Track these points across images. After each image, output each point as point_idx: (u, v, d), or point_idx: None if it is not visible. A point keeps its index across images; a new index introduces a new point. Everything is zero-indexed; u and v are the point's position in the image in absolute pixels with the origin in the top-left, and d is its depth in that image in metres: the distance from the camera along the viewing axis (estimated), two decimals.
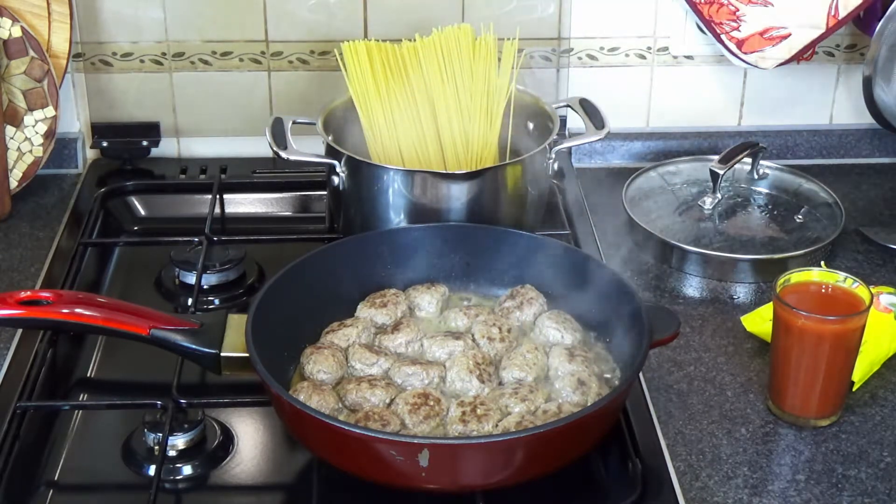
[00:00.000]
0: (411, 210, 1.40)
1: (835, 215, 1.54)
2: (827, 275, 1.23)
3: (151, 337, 1.19)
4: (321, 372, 1.19)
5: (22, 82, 1.56)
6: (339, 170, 1.42)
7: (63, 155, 1.68)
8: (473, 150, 1.46)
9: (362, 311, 1.28)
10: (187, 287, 1.43)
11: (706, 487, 1.13)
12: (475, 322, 1.26)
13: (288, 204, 1.66)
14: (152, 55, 1.66)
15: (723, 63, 1.68)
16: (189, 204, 1.63)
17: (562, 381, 1.18)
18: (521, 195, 1.44)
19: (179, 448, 1.18)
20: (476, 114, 1.46)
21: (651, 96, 1.73)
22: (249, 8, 1.64)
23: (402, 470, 1.04)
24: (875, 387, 1.27)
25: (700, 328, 1.36)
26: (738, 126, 1.76)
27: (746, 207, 1.57)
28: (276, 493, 1.19)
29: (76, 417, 1.25)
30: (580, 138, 1.49)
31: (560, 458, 1.09)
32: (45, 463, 1.19)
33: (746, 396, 1.26)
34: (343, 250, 1.31)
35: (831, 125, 1.76)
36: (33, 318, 1.20)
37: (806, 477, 1.15)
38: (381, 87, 1.45)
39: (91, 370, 1.33)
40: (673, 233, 1.49)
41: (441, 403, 1.15)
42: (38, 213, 1.59)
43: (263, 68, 1.68)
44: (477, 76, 1.46)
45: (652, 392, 1.25)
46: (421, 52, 1.46)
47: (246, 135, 1.70)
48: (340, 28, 1.65)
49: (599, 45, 1.69)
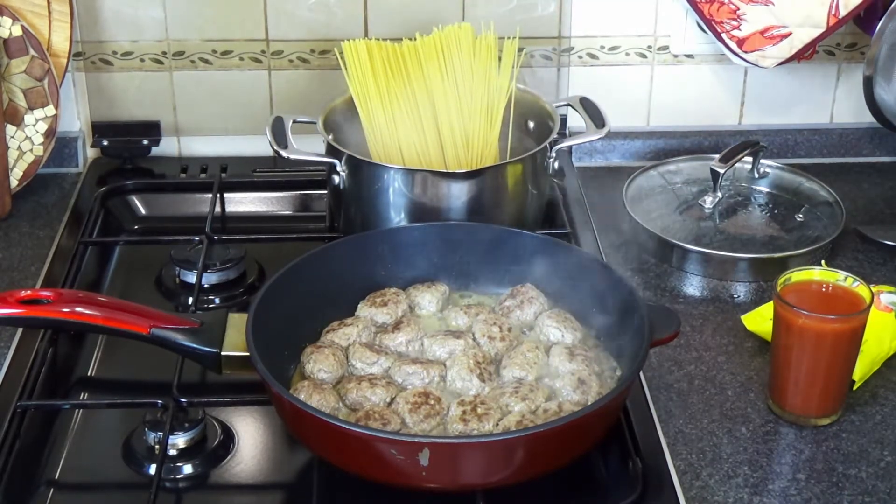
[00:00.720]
0: (412, 209, 1.40)
1: (835, 214, 1.54)
2: (827, 274, 1.23)
3: (152, 336, 1.19)
4: (321, 371, 1.19)
5: (22, 81, 1.56)
6: (339, 169, 1.42)
7: (63, 154, 1.68)
8: (474, 149, 1.46)
9: (363, 310, 1.28)
10: (188, 286, 1.43)
11: (707, 486, 1.13)
12: (475, 321, 1.26)
13: (288, 203, 1.66)
14: (153, 54, 1.66)
15: (723, 62, 1.68)
16: (189, 203, 1.63)
17: (562, 380, 1.18)
18: (521, 194, 1.44)
19: (180, 447, 1.18)
20: (476, 113, 1.46)
21: (651, 95, 1.73)
22: (250, 7, 1.64)
23: (402, 469, 1.04)
24: (875, 386, 1.27)
25: (700, 327, 1.36)
26: (738, 125, 1.76)
27: (747, 206, 1.57)
28: (276, 493, 1.19)
29: (76, 416, 1.25)
30: (581, 137, 1.49)
31: (560, 458, 1.09)
32: (45, 462, 1.19)
33: (747, 395, 1.25)
34: (343, 249, 1.31)
35: (832, 124, 1.76)
36: (34, 318, 1.20)
37: (806, 476, 1.15)
38: (382, 86, 1.45)
39: (91, 369, 1.33)
40: (673, 232, 1.49)
41: (441, 402, 1.15)
42: (38, 212, 1.59)
43: (264, 67, 1.68)
44: (477, 75, 1.46)
45: (652, 391, 1.25)
46: (421, 52, 1.46)
47: (246, 134, 1.70)
48: (341, 27, 1.64)
49: (600, 43, 1.69)
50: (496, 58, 1.47)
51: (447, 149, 1.47)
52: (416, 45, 1.47)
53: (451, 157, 1.46)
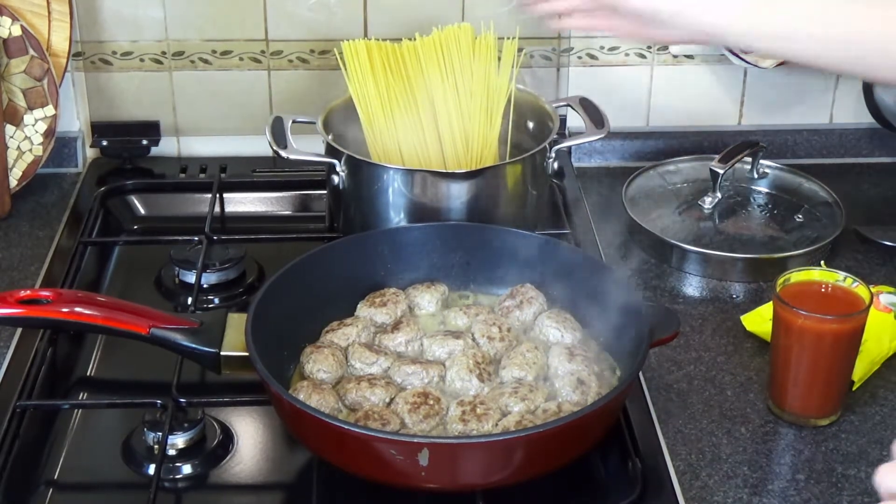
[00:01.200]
0: (411, 209, 1.40)
1: (835, 215, 1.54)
2: (827, 274, 1.23)
3: (151, 336, 1.19)
4: (321, 371, 1.19)
5: (22, 81, 1.56)
6: (338, 169, 1.42)
7: (63, 154, 1.68)
8: (473, 150, 1.46)
9: (362, 311, 1.28)
10: (187, 286, 1.43)
11: (706, 487, 1.13)
12: (475, 321, 1.26)
13: (288, 203, 1.65)
14: (152, 54, 1.66)
15: (723, 62, 1.68)
16: (189, 203, 1.63)
17: (561, 380, 1.18)
18: (521, 194, 1.44)
19: (179, 447, 1.18)
20: (476, 113, 1.46)
21: (651, 95, 1.73)
22: (249, 7, 1.64)
23: (401, 469, 1.04)
24: (875, 386, 1.27)
25: (700, 327, 1.36)
26: (737, 125, 1.76)
27: (746, 207, 1.57)
28: (275, 493, 1.19)
29: (76, 416, 1.25)
30: (580, 137, 1.49)
31: (560, 458, 1.09)
32: (44, 462, 1.19)
33: (746, 396, 1.25)
34: (343, 249, 1.31)
35: (831, 124, 1.76)
36: (33, 317, 1.20)
37: (806, 476, 1.15)
38: (381, 86, 1.45)
39: (91, 369, 1.33)
40: (673, 232, 1.49)
41: (441, 402, 1.15)
42: (37, 212, 1.59)
43: (263, 67, 1.68)
44: (477, 75, 1.46)
45: (652, 391, 1.25)
46: (421, 52, 1.46)
47: (246, 134, 1.70)
48: (340, 27, 1.64)
49: (599, 44, 1.69)
50: (496, 58, 1.47)
51: (447, 149, 1.47)
52: (415, 46, 1.47)
53: (451, 157, 1.46)
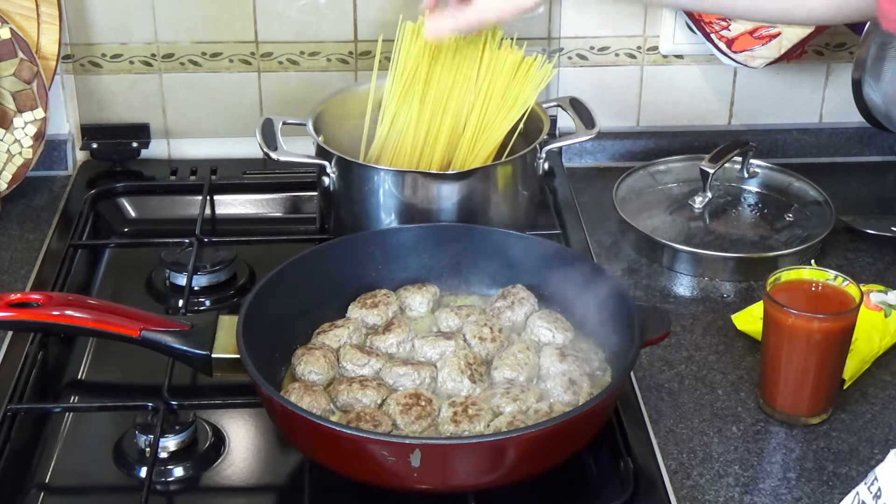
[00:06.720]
0: (402, 210, 1.40)
1: (824, 214, 1.54)
2: (817, 273, 1.23)
3: (142, 339, 1.19)
4: (312, 373, 1.19)
5: (11, 84, 1.56)
6: (329, 170, 1.42)
7: (53, 157, 1.68)
8: (464, 150, 1.45)
9: (353, 312, 1.28)
10: (178, 288, 1.43)
11: (697, 486, 1.13)
12: (466, 322, 1.26)
13: (278, 205, 1.65)
14: (142, 56, 1.66)
15: (712, 62, 1.68)
16: (179, 205, 1.63)
17: (553, 380, 1.18)
18: (511, 195, 1.44)
19: (171, 450, 1.18)
20: (492, 121, 1.44)
21: (641, 95, 1.73)
22: (239, 9, 1.64)
23: (393, 470, 1.04)
24: (865, 385, 1.27)
25: (691, 327, 1.37)
26: (727, 125, 1.76)
27: (736, 206, 1.57)
28: (267, 495, 1.19)
29: (67, 420, 1.25)
30: (570, 138, 1.49)
31: (552, 458, 1.09)
32: (35, 465, 1.19)
33: (737, 395, 1.26)
34: (334, 251, 1.31)
35: (821, 124, 1.77)
36: (23, 321, 1.20)
37: (797, 475, 1.15)
38: (421, 74, 1.43)
39: (82, 372, 1.33)
40: (663, 232, 1.50)
41: (432, 404, 1.15)
42: (28, 215, 1.59)
43: (253, 69, 1.68)
44: (511, 91, 1.44)
45: (643, 391, 1.25)
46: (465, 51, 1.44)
47: (236, 136, 1.69)
48: (329, 29, 1.64)
49: (590, 44, 1.69)
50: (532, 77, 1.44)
51: (438, 149, 1.46)
52: (458, 42, 1.43)
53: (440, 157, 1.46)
